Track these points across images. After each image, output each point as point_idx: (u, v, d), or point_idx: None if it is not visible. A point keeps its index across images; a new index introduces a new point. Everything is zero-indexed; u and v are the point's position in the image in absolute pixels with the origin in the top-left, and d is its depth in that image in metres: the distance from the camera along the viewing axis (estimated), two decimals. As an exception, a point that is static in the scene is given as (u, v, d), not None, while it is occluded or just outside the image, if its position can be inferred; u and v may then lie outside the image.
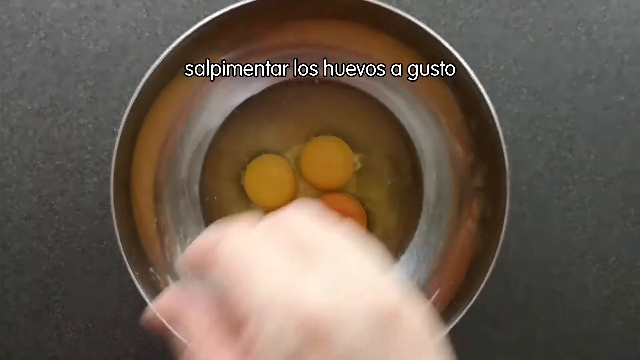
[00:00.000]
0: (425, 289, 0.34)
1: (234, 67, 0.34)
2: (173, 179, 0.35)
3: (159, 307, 0.20)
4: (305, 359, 0.15)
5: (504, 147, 0.30)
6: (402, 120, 0.35)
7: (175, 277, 0.34)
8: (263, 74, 0.35)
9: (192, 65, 0.33)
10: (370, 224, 0.36)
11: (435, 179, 0.36)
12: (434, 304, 0.33)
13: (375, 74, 0.35)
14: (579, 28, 0.37)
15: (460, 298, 0.31)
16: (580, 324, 0.37)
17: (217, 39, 0.32)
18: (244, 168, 0.36)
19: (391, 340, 0.16)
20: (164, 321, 0.21)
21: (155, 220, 0.34)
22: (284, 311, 0.15)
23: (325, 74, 0.35)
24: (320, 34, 0.33)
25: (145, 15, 0.37)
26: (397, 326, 0.16)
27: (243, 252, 0.17)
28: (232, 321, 0.17)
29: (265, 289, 0.16)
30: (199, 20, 0.30)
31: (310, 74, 0.35)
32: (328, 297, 0.16)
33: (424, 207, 0.36)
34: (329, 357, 0.15)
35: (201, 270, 0.18)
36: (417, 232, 0.36)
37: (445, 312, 0.31)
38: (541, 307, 0.37)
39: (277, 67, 0.35)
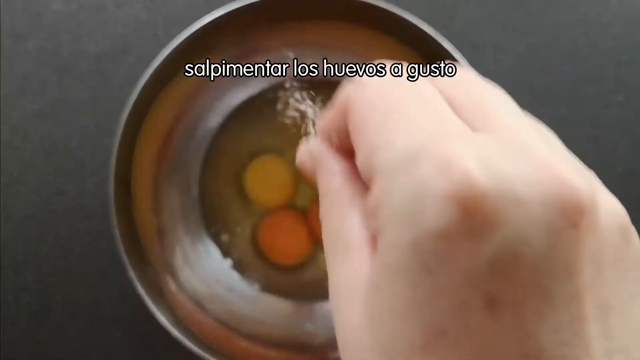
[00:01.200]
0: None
1: (234, 67, 0.34)
2: (173, 179, 0.35)
3: (308, 151, 0.17)
4: (447, 249, 0.11)
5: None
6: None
7: (175, 277, 0.34)
8: (263, 74, 0.35)
9: (192, 65, 0.33)
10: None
11: None
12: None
13: (375, 74, 0.35)
14: (578, 28, 0.37)
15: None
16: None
17: (217, 39, 0.32)
18: (244, 168, 0.36)
19: (571, 244, 0.11)
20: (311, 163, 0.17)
21: (155, 220, 0.34)
22: (432, 170, 0.11)
23: (325, 74, 0.35)
24: (320, 34, 0.33)
25: (145, 16, 0.37)
26: (586, 228, 0.11)
27: (385, 97, 0.14)
28: (366, 176, 0.13)
29: (409, 142, 0.12)
30: (199, 20, 0.30)
31: (310, 74, 0.35)
32: (499, 171, 0.11)
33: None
34: (476, 254, 0.11)
35: (339, 122, 0.15)
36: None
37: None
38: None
39: (277, 67, 0.35)
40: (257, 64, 0.34)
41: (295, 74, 0.35)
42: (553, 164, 0.11)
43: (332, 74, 0.35)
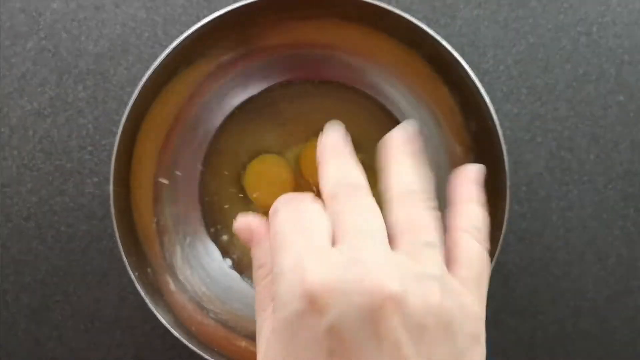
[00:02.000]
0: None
1: (234, 66, 0.34)
2: (173, 179, 0.35)
3: (248, 224, 0.24)
4: (303, 322, 0.19)
5: (504, 148, 0.30)
6: (401, 120, 0.35)
7: (175, 278, 0.34)
8: (263, 74, 0.35)
9: (192, 65, 0.33)
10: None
11: (434, 179, 0.36)
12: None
13: (375, 74, 0.35)
14: (578, 28, 0.37)
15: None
16: (580, 324, 0.37)
17: (217, 39, 0.32)
18: (244, 168, 0.36)
19: (379, 327, 0.18)
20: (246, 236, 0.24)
21: (155, 220, 0.34)
22: (294, 280, 0.19)
23: (325, 74, 0.35)
24: (320, 34, 0.33)
25: (144, 16, 0.37)
26: (390, 310, 0.18)
27: (281, 230, 0.21)
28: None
29: (287, 261, 0.20)
30: (199, 20, 0.30)
31: (310, 74, 0.35)
32: (333, 276, 0.19)
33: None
34: (318, 325, 0.18)
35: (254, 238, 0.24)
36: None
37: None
38: (541, 307, 0.37)
39: (277, 67, 0.35)
40: (257, 64, 0.34)
41: (295, 74, 0.35)
42: (371, 270, 0.19)
43: (332, 74, 0.35)
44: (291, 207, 0.22)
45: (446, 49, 0.30)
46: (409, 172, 0.23)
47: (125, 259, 0.30)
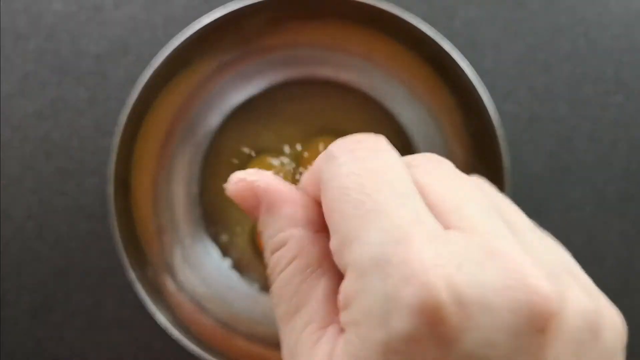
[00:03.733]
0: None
1: (234, 67, 0.34)
2: (173, 179, 0.35)
3: (252, 182, 0.15)
4: (415, 351, 0.11)
5: (503, 148, 0.30)
6: (401, 120, 0.36)
7: (175, 277, 0.34)
8: (263, 74, 0.35)
9: (192, 65, 0.33)
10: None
11: None
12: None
13: (375, 74, 0.35)
14: (577, 29, 0.37)
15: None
16: (580, 325, 0.37)
17: (216, 39, 0.32)
18: (244, 168, 0.36)
19: (537, 348, 0.12)
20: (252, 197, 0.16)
21: (155, 220, 0.34)
22: (400, 279, 0.11)
23: (325, 74, 0.35)
24: (320, 34, 0.33)
25: (144, 17, 0.37)
26: (552, 332, 0.12)
27: (355, 183, 0.13)
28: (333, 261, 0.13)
29: (384, 241, 0.12)
30: (199, 20, 0.30)
31: (310, 74, 0.35)
32: (464, 276, 0.11)
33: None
34: (442, 357, 0.11)
35: (312, 188, 0.15)
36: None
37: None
38: (541, 307, 0.37)
39: (277, 67, 0.35)
40: (257, 64, 0.34)
41: (295, 74, 0.35)
42: (522, 269, 0.12)
43: (332, 74, 0.35)
44: (360, 155, 0.14)
45: (446, 49, 0.30)
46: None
47: (125, 259, 0.30)
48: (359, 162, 0.13)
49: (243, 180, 0.15)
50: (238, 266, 0.36)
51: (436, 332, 0.11)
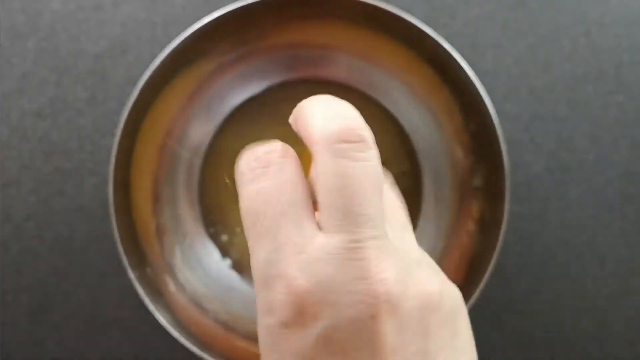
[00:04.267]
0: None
1: (234, 67, 0.34)
2: (172, 179, 0.35)
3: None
4: (288, 332, 0.17)
5: (503, 148, 0.31)
6: (401, 120, 0.36)
7: (175, 278, 0.34)
8: (263, 74, 0.35)
9: (191, 66, 0.33)
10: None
11: (434, 179, 0.36)
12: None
13: (375, 74, 0.35)
14: (578, 28, 0.37)
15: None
16: (580, 324, 0.37)
17: (216, 39, 0.32)
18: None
19: (372, 327, 0.16)
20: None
21: (155, 220, 0.34)
22: (278, 285, 0.17)
23: (325, 74, 0.35)
24: (320, 34, 0.33)
25: (144, 16, 0.37)
26: (384, 315, 0.16)
27: (257, 210, 0.18)
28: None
29: (261, 259, 0.17)
30: (199, 20, 0.30)
31: (310, 74, 0.35)
32: (319, 279, 0.16)
33: (423, 208, 0.36)
34: (305, 336, 0.16)
35: None
36: (417, 233, 0.36)
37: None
38: (541, 307, 0.37)
39: (277, 67, 0.35)
40: (257, 64, 0.34)
41: (295, 74, 0.35)
42: (368, 270, 0.16)
43: (332, 74, 0.35)
44: (263, 176, 0.18)
45: (446, 49, 0.30)
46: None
47: (125, 259, 0.30)
48: (256, 182, 0.18)
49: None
50: (238, 266, 0.36)
51: (300, 319, 0.16)
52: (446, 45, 0.30)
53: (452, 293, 0.19)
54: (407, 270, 0.17)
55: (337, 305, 0.16)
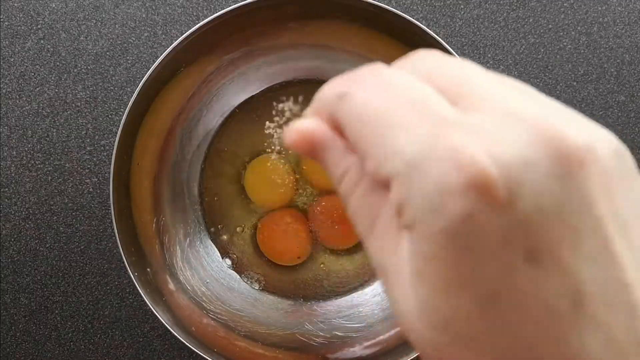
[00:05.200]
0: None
1: (234, 67, 0.34)
2: (173, 179, 0.35)
3: (305, 130, 0.16)
4: (478, 226, 0.12)
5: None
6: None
7: (175, 277, 0.34)
8: (263, 74, 0.35)
9: (192, 65, 0.33)
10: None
11: None
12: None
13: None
14: (578, 28, 0.37)
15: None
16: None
17: (216, 39, 0.32)
18: (244, 168, 0.36)
19: (581, 182, 0.13)
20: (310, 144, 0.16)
21: (155, 220, 0.34)
22: (442, 169, 0.12)
23: (325, 74, 0.35)
24: (320, 34, 0.33)
25: (144, 16, 0.37)
26: (588, 165, 0.13)
27: (374, 108, 0.14)
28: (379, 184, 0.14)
29: (414, 145, 0.13)
30: (198, 20, 0.30)
31: (310, 74, 0.35)
32: (499, 144, 0.12)
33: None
34: (504, 223, 0.12)
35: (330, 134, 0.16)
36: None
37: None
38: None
39: (277, 67, 0.35)
40: (257, 64, 0.34)
41: (295, 74, 0.35)
42: (545, 121, 0.13)
43: (332, 74, 0.35)
44: (370, 80, 0.15)
45: (446, 49, 0.30)
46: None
47: (125, 259, 0.30)
48: (367, 90, 0.14)
49: (297, 134, 0.16)
50: (238, 266, 0.36)
51: (490, 202, 0.12)
52: (446, 45, 0.30)
53: (623, 147, 0.14)
54: (582, 123, 0.14)
55: (533, 166, 0.12)
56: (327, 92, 0.15)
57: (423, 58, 0.15)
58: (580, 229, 0.13)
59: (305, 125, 0.16)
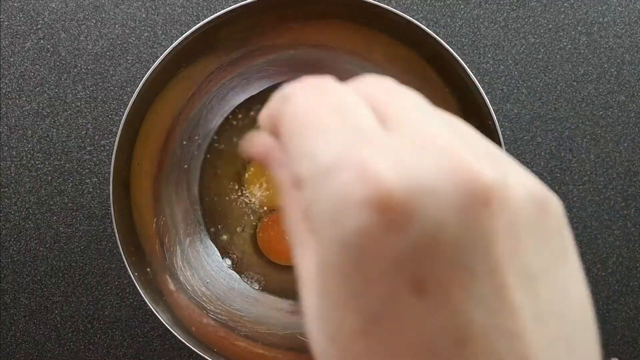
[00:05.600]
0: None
1: (234, 67, 0.34)
2: (173, 179, 0.35)
3: (259, 142, 0.17)
4: (371, 244, 0.12)
5: (504, 148, 0.30)
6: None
7: (175, 278, 0.34)
8: (263, 74, 0.35)
9: (192, 65, 0.33)
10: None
11: None
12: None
13: (375, 73, 0.34)
14: (578, 28, 0.37)
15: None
16: (580, 324, 0.37)
17: (216, 39, 0.32)
18: (243, 168, 0.36)
19: (484, 221, 0.12)
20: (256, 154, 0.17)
21: (155, 220, 0.34)
22: (348, 179, 0.12)
23: (325, 74, 0.35)
24: (320, 34, 0.33)
25: (144, 16, 0.37)
26: (496, 206, 0.12)
27: (307, 111, 0.14)
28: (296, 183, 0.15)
29: (329, 152, 0.13)
30: (198, 20, 0.30)
31: (310, 74, 0.35)
32: (405, 167, 0.12)
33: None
34: (397, 245, 0.12)
35: (273, 129, 0.16)
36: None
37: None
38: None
39: (277, 67, 0.34)
40: (257, 64, 0.34)
41: (295, 74, 0.35)
42: (458, 154, 0.13)
43: (332, 74, 0.35)
44: (309, 87, 0.15)
45: (446, 49, 0.30)
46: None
47: (125, 259, 0.30)
48: (306, 94, 0.15)
49: (253, 141, 0.17)
50: (238, 266, 0.36)
51: (387, 220, 0.12)
52: (446, 45, 0.30)
53: (556, 201, 0.14)
54: (500, 166, 0.13)
55: (437, 194, 0.12)
56: (278, 93, 0.16)
57: (370, 80, 0.16)
58: (475, 269, 0.12)
59: (258, 137, 0.17)
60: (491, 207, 0.12)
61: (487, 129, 0.31)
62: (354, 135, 0.13)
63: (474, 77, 0.31)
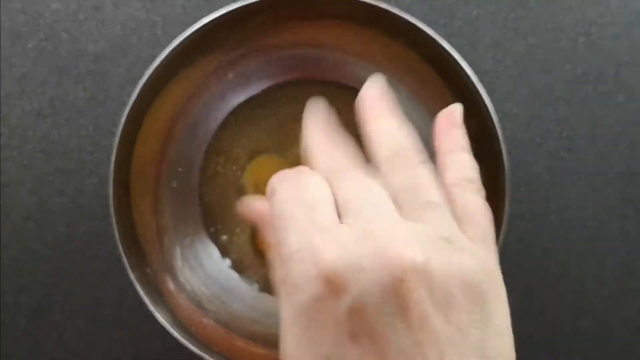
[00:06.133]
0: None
1: (234, 67, 0.34)
2: (173, 179, 0.35)
3: (253, 208, 0.25)
4: (320, 306, 0.18)
5: (503, 148, 0.30)
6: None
7: (175, 278, 0.34)
8: (263, 74, 0.35)
9: (192, 65, 0.33)
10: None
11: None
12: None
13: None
14: (577, 28, 0.37)
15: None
16: (580, 324, 0.37)
17: (216, 39, 0.32)
18: (244, 168, 0.36)
19: (404, 302, 0.17)
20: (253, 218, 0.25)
21: (155, 220, 0.34)
22: (307, 260, 0.18)
23: (325, 74, 0.35)
24: (320, 34, 0.33)
25: (144, 16, 0.37)
26: (414, 282, 0.17)
27: (283, 208, 0.20)
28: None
29: (296, 242, 0.19)
30: (199, 20, 0.30)
31: (310, 74, 0.35)
32: (346, 254, 0.18)
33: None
34: (337, 308, 0.17)
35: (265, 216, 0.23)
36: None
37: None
38: (541, 307, 0.37)
39: (277, 67, 0.35)
40: (257, 64, 0.34)
41: (294, 74, 0.35)
42: (390, 242, 0.18)
43: (332, 74, 0.35)
44: (288, 184, 0.21)
45: (446, 49, 0.30)
46: (392, 128, 0.23)
47: (125, 259, 0.30)
48: (284, 191, 0.21)
49: (248, 205, 0.25)
50: (238, 266, 0.36)
51: (331, 289, 0.17)
52: (446, 45, 0.30)
53: (492, 274, 0.19)
54: (430, 244, 0.18)
55: (365, 272, 0.17)
56: (268, 186, 0.22)
57: (341, 179, 0.21)
58: (396, 326, 0.17)
59: (253, 203, 0.25)
60: (407, 283, 0.17)
61: (487, 129, 0.31)
62: (314, 228, 0.19)
63: (474, 77, 0.31)
